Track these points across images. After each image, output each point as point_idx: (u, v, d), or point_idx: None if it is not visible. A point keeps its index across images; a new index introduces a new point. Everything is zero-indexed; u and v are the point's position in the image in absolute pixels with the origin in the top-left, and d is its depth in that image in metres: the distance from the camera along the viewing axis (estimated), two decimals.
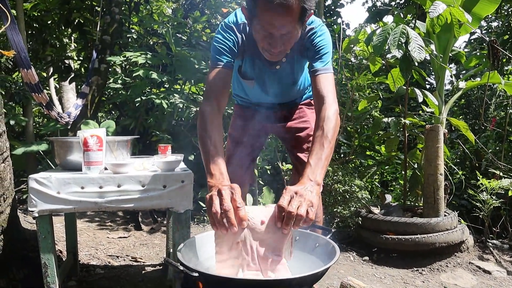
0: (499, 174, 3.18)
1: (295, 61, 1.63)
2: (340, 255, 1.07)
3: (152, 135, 3.68)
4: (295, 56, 1.60)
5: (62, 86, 5.65)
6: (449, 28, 2.78)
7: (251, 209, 1.13)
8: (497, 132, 4.01)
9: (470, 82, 3.28)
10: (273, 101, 1.87)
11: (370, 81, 3.73)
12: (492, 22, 6.11)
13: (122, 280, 2.19)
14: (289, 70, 1.66)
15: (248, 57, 1.61)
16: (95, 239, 2.95)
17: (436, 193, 2.79)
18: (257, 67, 1.64)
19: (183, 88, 4.17)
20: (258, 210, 1.14)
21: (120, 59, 3.67)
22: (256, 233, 1.11)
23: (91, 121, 3.66)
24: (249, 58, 1.61)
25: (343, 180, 3.06)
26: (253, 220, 1.11)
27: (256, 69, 1.65)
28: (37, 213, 1.50)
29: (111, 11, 4.15)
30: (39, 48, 5.01)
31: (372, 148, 4.12)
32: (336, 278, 2.40)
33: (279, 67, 1.62)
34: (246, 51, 1.58)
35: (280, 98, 1.86)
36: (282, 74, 1.67)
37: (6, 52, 1.94)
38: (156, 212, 3.56)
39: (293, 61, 1.62)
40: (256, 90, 1.78)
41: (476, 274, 2.55)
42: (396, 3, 7.03)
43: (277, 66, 1.62)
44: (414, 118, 3.25)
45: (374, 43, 2.62)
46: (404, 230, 2.67)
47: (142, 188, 1.58)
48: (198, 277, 1.00)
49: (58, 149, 1.72)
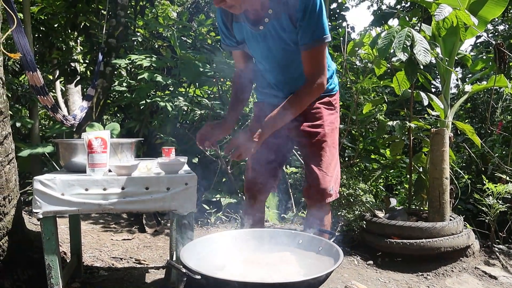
0: (505, 178, 3.15)
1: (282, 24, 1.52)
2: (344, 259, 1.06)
3: (157, 137, 3.69)
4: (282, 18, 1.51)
5: (68, 89, 5.69)
6: (455, 31, 2.76)
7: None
8: (504, 136, 3.98)
9: (476, 86, 3.26)
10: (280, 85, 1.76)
11: (375, 85, 3.72)
12: (499, 25, 6.09)
13: (126, 282, 2.20)
14: (275, 34, 1.56)
15: (236, 23, 1.64)
16: (99, 241, 2.96)
17: (441, 197, 2.77)
18: (245, 30, 1.63)
19: (187, 91, 4.18)
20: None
21: (125, 62, 3.69)
22: None
23: (96, 123, 3.68)
24: (237, 23, 1.64)
25: (348, 183, 3.05)
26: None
27: (243, 32, 1.64)
28: (42, 214, 1.51)
29: (116, 15, 4.18)
30: (46, 51, 5.05)
31: (377, 151, 4.10)
32: (340, 282, 2.38)
33: (263, 28, 1.55)
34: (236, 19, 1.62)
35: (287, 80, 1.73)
36: (270, 37, 1.57)
37: (12, 54, 1.96)
38: (160, 215, 3.57)
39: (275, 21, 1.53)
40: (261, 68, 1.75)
41: (482, 279, 2.52)
42: (401, 6, 7.02)
43: (260, 27, 1.55)
44: (420, 122, 3.23)
45: (379, 46, 2.61)
46: (409, 234, 2.65)
47: (146, 191, 1.59)
48: (201, 279, 1.00)
49: (62, 151, 1.72)
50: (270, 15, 1.52)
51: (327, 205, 1.75)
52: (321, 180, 1.67)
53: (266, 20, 1.53)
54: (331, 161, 1.73)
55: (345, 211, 3.00)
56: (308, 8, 1.44)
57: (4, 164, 1.77)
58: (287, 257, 1.29)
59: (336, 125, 1.82)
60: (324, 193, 1.69)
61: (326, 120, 1.75)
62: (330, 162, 1.72)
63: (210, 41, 4.35)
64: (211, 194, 3.55)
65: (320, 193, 1.69)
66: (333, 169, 1.73)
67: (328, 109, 1.78)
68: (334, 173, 1.74)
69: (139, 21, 4.83)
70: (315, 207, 1.73)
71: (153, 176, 1.61)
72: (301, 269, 1.20)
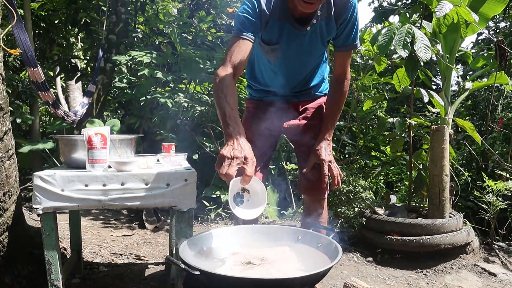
0: (505, 175, 3.15)
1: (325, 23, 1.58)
2: (343, 255, 1.07)
3: (157, 134, 3.70)
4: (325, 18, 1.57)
5: (69, 85, 5.69)
6: (456, 28, 2.76)
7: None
8: (504, 133, 3.97)
9: (476, 83, 3.25)
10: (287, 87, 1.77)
11: (375, 81, 3.71)
12: (500, 22, 6.06)
13: (126, 278, 2.20)
14: (318, 35, 1.61)
15: (275, 20, 1.54)
16: (99, 237, 2.96)
17: (441, 194, 2.77)
18: (286, 31, 1.57)
19: (188, 88, 4.18)
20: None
21: (125, 58, 3.68)
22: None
23: (96, 119, 3.68)
24: (276, 21, 1.54)
25: (348, 180, 3.05)
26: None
27: (283, 32, 1.58)
28: (42, 210, 1.51)
29: (117, 11, 4.17)
30: (46, 47, 5.05)
31: (377, 148, 4.10)
32: (340, 278, 2.39)
33: (309, 29, 1.57)
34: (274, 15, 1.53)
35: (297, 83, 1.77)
36: (310, 39, 1.61)
37: (12, 50, 1.96)
38: (160, 211, 3.58)
39: (323, 23, 1.58)
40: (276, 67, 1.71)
41: (481, 276, 2.53)
42: (402, 3, 6.99)
43: (308, 27, 1.56)
44: (420, 119, 3.23)
45: (379, 43, 2.60)
46: (409, 231, 2.65)
47: (145, 187, 1.59)
48: (200, 275, 1.01)
49: (62, 147, 1.73)
50: (318, 17, 1.56)
51: (325, 200, 1.81)
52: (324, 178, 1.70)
53: (314, 21, 1.56)
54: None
55: (345, 208, 3.00)
56: (354, 12, 1.56)
57: (4, 160, 1.77)
58: (286, 253, 1.29)
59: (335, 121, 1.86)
60: (323, 190, 1.74)
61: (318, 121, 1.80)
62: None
63: (211, 37, 4.34)
64: (211, 190, 3.55)
65: (320, 190, 1.74)
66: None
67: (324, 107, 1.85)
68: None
69: (139, 17, 4.83)
70: (314, 202, 1.78)
71: (153, 172, 1.61)
72: (300, 265, 1.20)
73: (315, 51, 1.68)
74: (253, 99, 1.91)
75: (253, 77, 1.86)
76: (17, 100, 4.54)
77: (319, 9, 1.53)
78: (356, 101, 3.56)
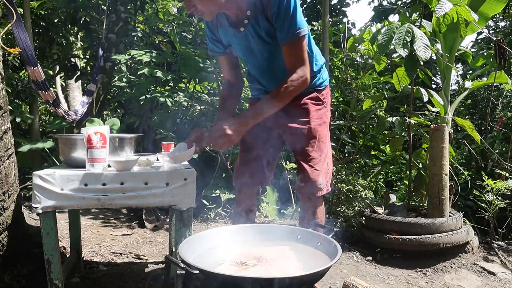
0: (505, 175, 3.15)
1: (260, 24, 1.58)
2: (343, 254, 1.07)
3: (157, 133, 3.69)
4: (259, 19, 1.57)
5: (68, 84, 5.69)
6: (456, 27, 2.76)
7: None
8: (504, 132, 3.98)
9: (476, 82, 3.26)
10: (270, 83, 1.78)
11: (375, 81, 3.71)
12: (500, 21, 6.06)
13: (125, 277, 2.20)
14: (254, 34, 1.62)
15: (221, 28, 1.71)
16: (98, 236, 2.96)
17: (441, 194, 2.77)
18: (229, 34, 1.69)
19: (187, 87, 4.17)
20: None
21: (125, 57, 3.68)
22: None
23: (96, 118, 3.68)
24: (222, 28, 1.71)
25: (347, 179, 3.05)
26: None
27: (229, 36, 1.71)
28: (41, 209, 1.51)
29: (116, 10, 4.16)
30: (46, 46, 5.04)
31: (377, 147, 4.10)
32: (339, 277, 2.39)
33: (243, 29, 1.63)
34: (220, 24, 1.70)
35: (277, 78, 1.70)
36: (252, 38, 1.64)
37: (11, 49, 1.96)
38: (159, 210, 3.58)
39: (254, 22, 1.59)
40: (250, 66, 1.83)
41: (481, 275, 2.53)
42: (402, 2, 6.98)
43: (241, 28, 1.63)
44: (420, 118, 3.23)
45: (379, 42, 2.60)
46: (408, 230, 2.66)
47: (145, 186, 1.59)
48: (199, 274, 1.01)
49: (62, 146, 1.72)
50: (249, 16, 1.59)
51: (319, 199, 1.78)
52: (310, 174, 1.71)
53: (246, 21, 1.60)
54: (319, 155, 1.75)
55: (344, 207, 3.01)
56: (282, 6, 1.50)
57: (3, 159, 1.77)
58: (286, 252, 1.29)
59: (325, 120, 1.83)
60: (314, 187, 1.73)
61: (313, 116, 1.76)
62: (319, 157, 1.75)
63: None
64: (211, 189, 3.55)
65: (310, 188, 1.73)
66: (322, 164, 1.75)
67: (315, 104, 1.79)
68: (323, 167, 1.76)
69: (139, 16, 4.82)
70: (307, 202, 1.78)
71: (152, 171, 1.61)
72: (300, 264, 1.21)
73: (262, 48, 1.67)
74: (252, 98, 1.97)
75: (249, 77, 1.94)
76: (17, 99, 4.52)
77: (249, 9, 1.57)
78: (355, 100, 3.56)
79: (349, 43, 3.33)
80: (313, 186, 1.72)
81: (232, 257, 1.25)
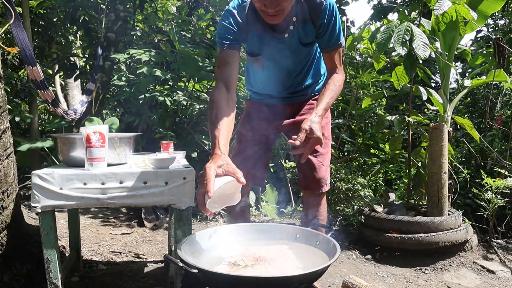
0: (504, 173, 3.16)
1: (302, 28, 1.59)
2: (342, 253, 1.07)
3: (156, 132, 3.69)
4: (301, 23, 1.58)
5: (68, 83, 5.67)
6: (455, 25, 2.75)
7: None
8: (503, 131, 3.98)
9: (475, 80, 3.26)
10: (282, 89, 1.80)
11: (374, 79, 3.71)
12: (499, 20, 6.06)
13: (125, 276, 2.21)
14: (297, 40, 1.63)
15: (254, 31, 1.61)
16: (98, 235, 2.97)
17: (440, 192, 2.77)
18: (265, 39, 1.62)
19: (186, 86, 4.17)
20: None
21: (124, 56, 3.68)
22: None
23: (95, 118, 3.68)
24: (255, 32, 1.61)
25: (346, 178, 3.05)
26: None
27: (263, 42, 1.63)
28: (40, 208, 1.51)
29: (115, 9, 4.16)
30: (45, 45, 5.03)
31: (376, 146, 4.10)
32: (338, 276, 2.39)
33: (288, 35, 1.60)
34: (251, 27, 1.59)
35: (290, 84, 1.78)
36: (291, 44, 1.63)
37: (9, 48, 1.95)
38: (159, 209, 3.58)
39: (300, 28, 1.59)
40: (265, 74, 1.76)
41: (480, 273, 2.53)
42: (401, 1, 6.98)
43: (286, 34, 1.60)
44: (419, 116, 3.23)
45: (378, 40, 2.60)
46: (408, 229, 2.66)
47: (144, 185, 1.59)
48: (198, 274, 1.01)
49: (61, 146, 1.72)
50: (295, 22, 1.58)
51: (323, 195, 1.83)
52: (318, 169, 1.75)
53: (291, 27, 1.59)
54: (326, 152, 1.81)
55: (343, 206, 3.01)
56: (332, 15, 1.55)
57: (2, 158, 1.77)
58: (285, 251, 1.29)
59: (329, 120, 1.91)
60: (320, 183, 1.77)
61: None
62: (326, 154, 1.80)
63: (210, 35, 4.33)
64: None
65: (317, 183, 1.76)
66: (328, 161, 1.82)
67: None
68: (328, 164, 1.83)
69: (138, 15, 4.81)
70: (312, 197, 1.81)
71: (152, 171, 1.61)
72: (299, 263, 1.21)
73: (299, 55, 1.70)
74: (252, 100, 1.96)
75: (249, 83, 1.92)
76: (16, 98, 4.52)
77: (294, 15, 1.56)
78: (355, 99, 3.55)
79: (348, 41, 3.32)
80: (319, 182, 1.76)
81: (231, 256, 1.25)
